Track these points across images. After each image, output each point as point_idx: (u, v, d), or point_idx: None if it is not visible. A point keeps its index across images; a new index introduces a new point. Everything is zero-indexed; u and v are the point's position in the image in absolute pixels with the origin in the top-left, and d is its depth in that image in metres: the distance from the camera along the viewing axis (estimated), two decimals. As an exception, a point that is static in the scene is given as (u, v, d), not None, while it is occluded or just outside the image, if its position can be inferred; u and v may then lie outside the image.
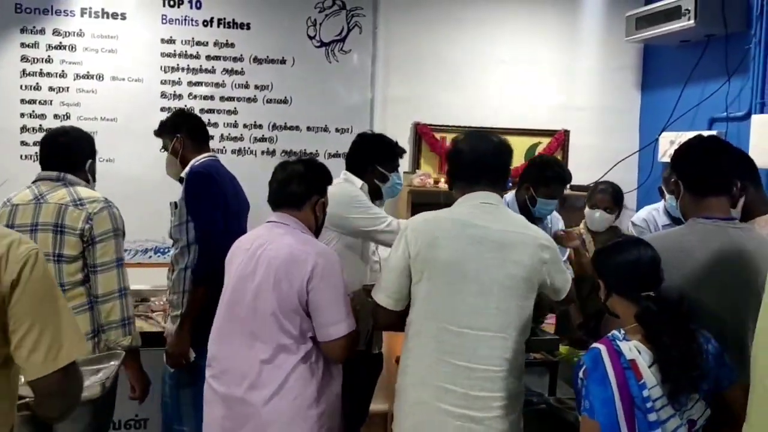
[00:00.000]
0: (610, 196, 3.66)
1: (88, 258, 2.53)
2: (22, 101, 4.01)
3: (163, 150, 3.16)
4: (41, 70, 4.02)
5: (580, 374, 1.90)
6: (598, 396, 1.85)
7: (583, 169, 4.54)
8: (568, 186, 3.54)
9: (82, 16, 4.05)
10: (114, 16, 4.08)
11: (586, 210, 3.70)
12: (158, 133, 3.13)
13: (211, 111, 4.20)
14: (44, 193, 2.57)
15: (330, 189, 2.60)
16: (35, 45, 4.01)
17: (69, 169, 2.63)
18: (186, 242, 2.90)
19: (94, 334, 2.56)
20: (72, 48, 4.04)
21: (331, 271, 2.35)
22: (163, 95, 4.16)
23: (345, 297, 2.38)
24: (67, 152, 2.67)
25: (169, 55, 4.17)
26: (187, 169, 2.98)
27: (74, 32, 4.04)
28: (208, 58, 4.21)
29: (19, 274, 1.51)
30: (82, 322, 2.47)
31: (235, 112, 4.27)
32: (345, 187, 3.12)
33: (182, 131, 3.04)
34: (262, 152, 4.33)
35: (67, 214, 2.51)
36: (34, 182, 2.64)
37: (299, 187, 2.46)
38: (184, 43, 4.17)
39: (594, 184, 3.91)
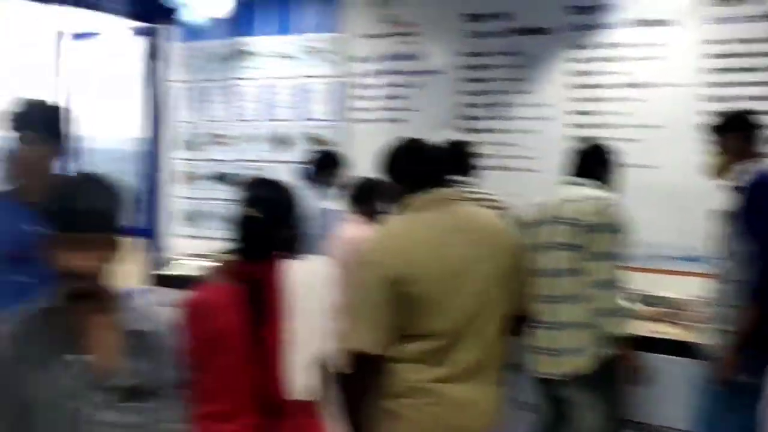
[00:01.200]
0: None
1: (588, 247, 2.82)
2: (567, 113, 4.33)
3: (718, 148, 3.01)
4: (584, 82, 4.29)
5: None
6: None
7: None
8: None
9: (625, 27, 4.18)
10: (659, 23, 4.09)
11: None
12: (718, 130, 3.03)
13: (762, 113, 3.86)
14: (569, 195, 2.99)
15: None
16: (579, 59, 4.30)
17: (591, 176, 3.04)
18: (743, 255, 2.75)
19: (587, 322, 2.80)
20: (615, 59, 4.20)
21: None
22: (706, 98, 3.96)
23: None
24: (590, 164, 3.09)
25: (713, 56, 3.98)
26: (748, 177, 2.81)
27: (617, 43, 4.20)
28: (757, 55, 3.89)
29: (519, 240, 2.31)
30: (579, 309, 2.83)
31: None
32: None
33: (744, 131, 2.94)
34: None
35: (578, 210, 2.88)
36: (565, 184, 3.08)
37: None
38: (731, 42, 3.93)
39: None
